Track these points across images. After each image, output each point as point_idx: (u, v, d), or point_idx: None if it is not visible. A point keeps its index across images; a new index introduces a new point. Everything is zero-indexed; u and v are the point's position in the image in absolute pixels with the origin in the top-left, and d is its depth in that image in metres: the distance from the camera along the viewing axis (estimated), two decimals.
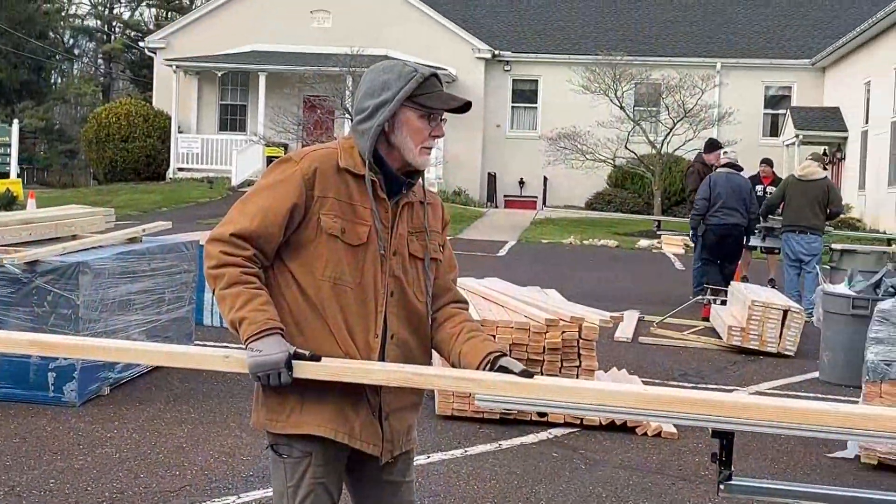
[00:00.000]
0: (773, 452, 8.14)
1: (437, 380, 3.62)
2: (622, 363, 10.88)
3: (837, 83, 37.89)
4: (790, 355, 12.29)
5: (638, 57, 38.06)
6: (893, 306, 7.90)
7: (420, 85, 3.54)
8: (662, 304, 15.61)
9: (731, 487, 3.27)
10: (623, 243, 28.70)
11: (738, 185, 15.14)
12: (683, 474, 7.33)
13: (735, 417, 3.22)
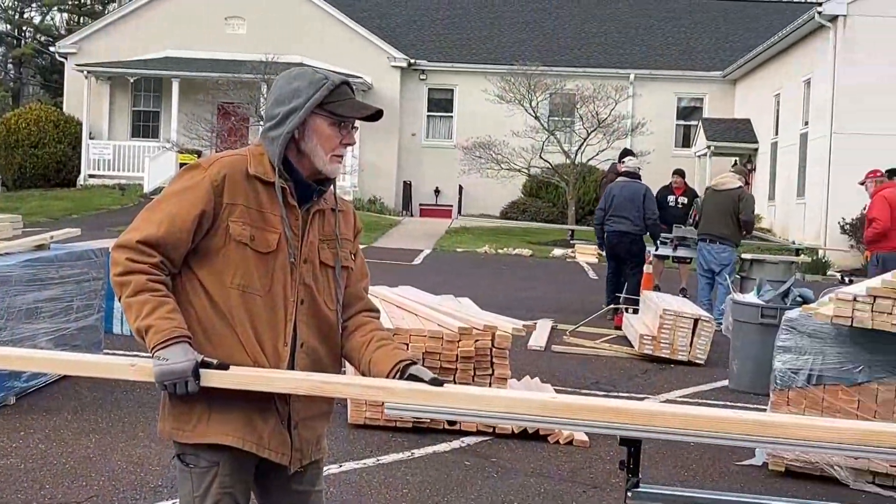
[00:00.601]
0: (682, 460, 8.22)
1: (347, 388, 3.61)
2: (535, 371, 10.92)
3: (748, 95, 38.47)
4: (700, 364, 12.43)
5: (553, 67, 38.32)
6: (800, 315, 8.02)
7: (331, 92, 3.52)
8: (576, 312, 15.71)
9: (639, 494, 3.29)
10: (537, 252, 28.84)
11: (634, 192, 15.45)
12: (594, 482, 7.38)
13: (642, 425, 3.24)
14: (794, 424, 3.45)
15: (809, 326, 7.88)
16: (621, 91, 37.14)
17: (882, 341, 7.56)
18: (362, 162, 38.49)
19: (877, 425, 4.07)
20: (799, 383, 7.89)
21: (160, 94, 40.89)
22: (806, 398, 7.88)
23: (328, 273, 3.64)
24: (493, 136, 36.36)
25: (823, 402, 7.85)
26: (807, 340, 7.89)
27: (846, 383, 7.76)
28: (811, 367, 7.84)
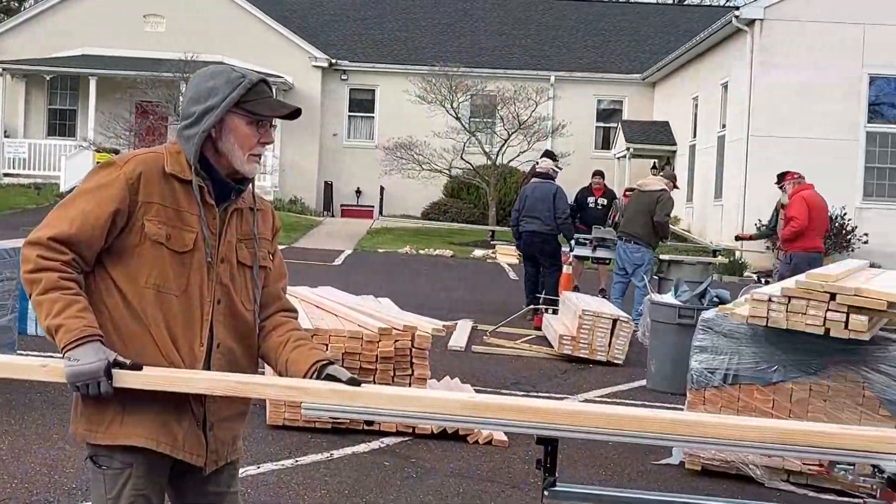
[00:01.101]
0: (601, 459, 8.27)
1: (263, 388, 3.58)
2: (455, 372, 10.93)
3: (667, 98, 38.86)
4: (619, 364, 12.52)
5: (474, 69, 38.41)
6: (717, 316, 8.11)
7: (248, 91, 3.49)
8: (496, 313, 15.75)
9: (556, 494, 3.30)
10: (458, 253, 28.88)
11: (545, 192, 15.66)
12: (513, 482, 7.40)
13: (559, 424, 3.25)
14: (709, 423, 3.49)
15: (725, 326, 7.97)
16: (542, 93, 37.34)
17: (796, 341, 7.67)
18: (283, 162, 38.29)
19: (790, 424, 4.13)
20: (715, 383, 7.98)
21: (77, 93, 40.33)
22: (722, 397, 7.97)
23: (246, 273, 3.61)
24: (414, 137, 36.37)
25: (739, 401, 7.94)
26: (723, 340, 7.98)
27: (761, 383, 7.86)
28: (727, 367, 7.92)
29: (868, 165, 28.58)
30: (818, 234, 14.72)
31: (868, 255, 24.08)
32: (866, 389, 7.68)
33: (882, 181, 28.68)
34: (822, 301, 7.39)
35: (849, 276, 8.27)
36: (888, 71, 28.43)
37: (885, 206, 28.23)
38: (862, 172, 28.50)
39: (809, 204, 14.52)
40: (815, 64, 27.91)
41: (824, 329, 7.38)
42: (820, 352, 7.72)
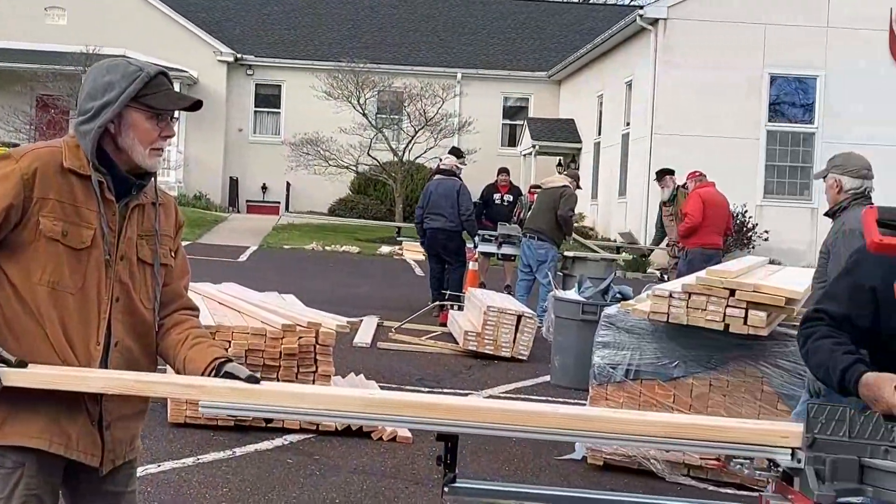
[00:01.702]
0: (505, 455, 8.31)
1: (160, 386, 3.53)
2: (361, 368, 10.90)
3: (572, 96, 39.14)
4: (523, 359, 12.58)
5: (381, 65, 38.32)
6: (619, 312, 8.18)
7: (146, 85, 3.43)
8: (402, 309, 15.73)
9: (455, 490, 3.31)
10: (365, 249, 28.84)
11: (449, 189, 15.74)
12: (417, 478, 7.40)
13: (457, 420, 3.26)
14: (610, 418, 3.52)
15: (627, 322, 8.05)
16: (448, 90, 37.38)
17: (696, 337, 7.77)
18: (188, 157, 37.88)
19: (688, 419, 4.18)
20: (617, 378, 8.06)
21: None
22: (624, 393, 8.05)
23: (146, 270, 3.55)
24: (321, 133, 36.17)
25: (641, 396, 8.03)
26: (625, 336, 8.05)
27: (662, 378, 7.95)
28: (629, 363, 8.00)
29: (769, 164, 29.07)
30: (715, 231, 14.94)
31: (768, 251, 24.51)
32: (765, 384, 7.82)
33: (782, 179, 29.18)
34: (721, 297, 7.51)
35: (748, 273, 8.42)
36: (788, 70, 28.94)
37: (784, 204, 28.72)
38: (763, 171, 28.98)
39: (705, 201, 14.76)
40: (718, 63, 28.29)
41: (724, 325, 7.50)
42: (720, 347, 7.83)
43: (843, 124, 28.21)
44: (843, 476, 3.05)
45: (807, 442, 3.09)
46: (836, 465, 3.05)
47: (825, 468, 3.04)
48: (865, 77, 28.10)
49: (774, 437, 3.21)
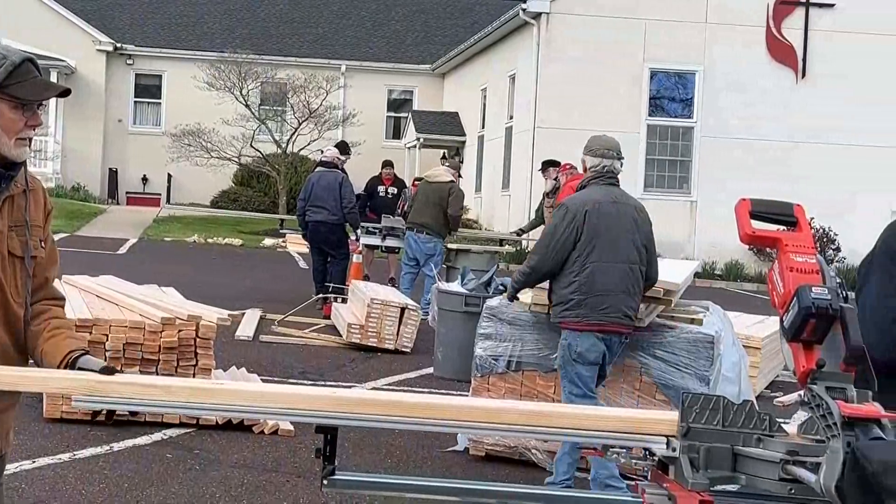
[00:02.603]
0: (389, 447, 8.31)
1: (22, 380, 3.42)
2: (243, 362, 10.81)
3: (456, 89, 39.24)
4: (407, 352, 12.60)
5: (264, 56, 37.99)
6: (501, 303, 8.22)
7: (10, 74, 3.32)
8: (286, 302, 15.61)
9: (334, 482, 3.29)
10: (248, 242, 28.60)
11: (330, 182, 15.69)
12: (298, 471, 7.36)
13: (337, 412, 3.23)
14: (491, 409, 3.52)
15: (509, 314, 8.09)
16: (333, 81, 37.21)
17: None
18: (65, 148, 37.18)
19: (567, 409, 4.20)
20: (499, 369, 8.10)
21: None
22: (506, 384, 8.10)
23: (16, 264, 3.45)
24: (202, 124, 35.71)
25: (522, 387, 8.09)
26: (507, 328, 8.09)
27: (543, 369, 8.01)
28: (510, 354, 8.05)
29: (649, 157, 29.44)
30: None
31: None
32: (644, 375, 7.91)
33: (661, 173, 29.60)
34: None
35: None
36: (667, 66, 29.34)
37: (664, 197, 29.12)
38: (643, 164, 29.36)
39: None
40: (599, 58, 28.58)
41: None
42: None
43: (721, 119, 28.74)
44: (716, 464, 3.09)
45: (681, 431, 3.12)
46: (710, 453, 3.09)
47: (699, 456, 3.08)
48: (743, 73, 28.64)
49: (650, 426, 3.25)
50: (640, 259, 7.21)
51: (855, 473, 2.72)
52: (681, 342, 7.82)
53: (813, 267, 3.13)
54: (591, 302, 7.06)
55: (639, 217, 7.29)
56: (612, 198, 7.39)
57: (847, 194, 27.58)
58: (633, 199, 7.43)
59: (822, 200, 26.20)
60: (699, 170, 29.02)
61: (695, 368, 7.76)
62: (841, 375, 3.00)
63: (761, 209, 3.31)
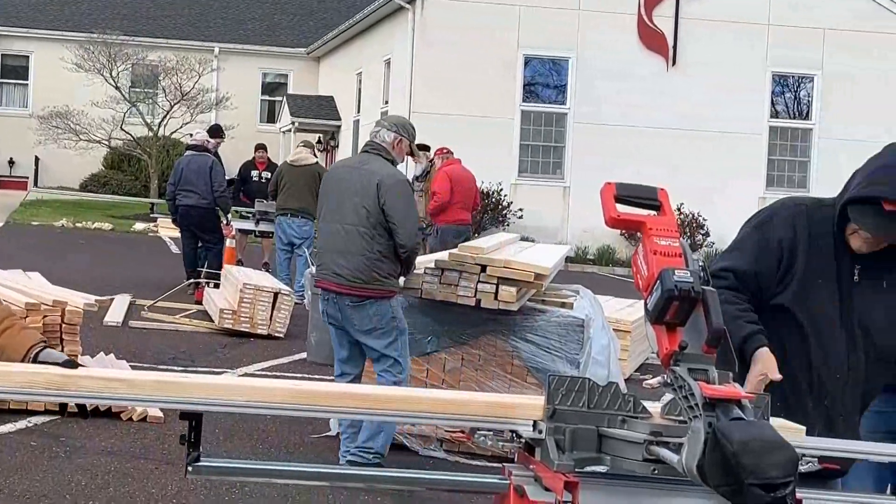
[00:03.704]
0: (260, 433, 8.25)
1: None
2: (112, 348, 10.61)
3: (332, 73, 39.04)
4: (280, 337, 12.52)
5: (135, 37, 37.32)
6: None
7: None
8: (156, 287, 15.36)
9: (199, 469, 3.23)
10: (118, 226, 28.11)
11: (199, 165, 15.49)
12: (167, 458, 7.26)
13: (207, 398, 3.18)
14: (359, 394, 3.49)
15: None
16: (205, 64, 36.75)
17: (449, 312, 7.86)
18: None
19: (433, 393, 4.20)
20: None
21: None
22: None
23: None
24: (71, 106, 34.97)
25: None
26: None
27: (416, 353, 8.01)
28: None
29: (523, 143, 29.64)
30: (463, 207, 15.22)
31: (523, 229, 25.05)
32: (515, 358, 7.97)
33: (536, 158, 29.83)
34: (473, 273, 7.62)
35: (499, 249, 8.56)
36: (541, 52, 29.54)
37: (538, 183, 29.38)
38: (517, 150, 29.54)
39: (452, 178, 15.03)
40: (475, 43, 28.64)
41: (475, 300, 7.61)
42: (471, 322, 7.95)
43: (594, 105, 29.03)
44: (582, 445, 3.11)
45: (547, 413, 3.14)
46: (576, 434, 3.11)
47: (565, 438, 3.10)
48: (616, 60, 28.96)
49: (517, 410, 3.26)
50: (364, 223, 7.25)
51: (715, 453, 2.76)
52: (551, 326, 7.90)
53: (676, 250, 3.17)
54: (318, 260, 7.60)
55: (378, 183, 7.27)
56: (354, 163, 7.81)
57: (716, 181, 28.10)
58: (384, 169, 7.40)
59: (692, 186, 26.71)
60: (573, 156, 29.28)
61: (565, 352, 7.86)
62: (703, 357, 3.04)
63: (626, 193, 3.34)
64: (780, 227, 4.00)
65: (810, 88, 30.21)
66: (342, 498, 6.87)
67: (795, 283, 3.95)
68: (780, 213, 4.06)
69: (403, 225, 7.24)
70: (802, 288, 3.94)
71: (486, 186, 25.86)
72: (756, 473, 2.70)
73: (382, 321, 7.28)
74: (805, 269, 3.95)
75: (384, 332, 7.31)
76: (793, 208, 4.06)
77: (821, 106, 29.86)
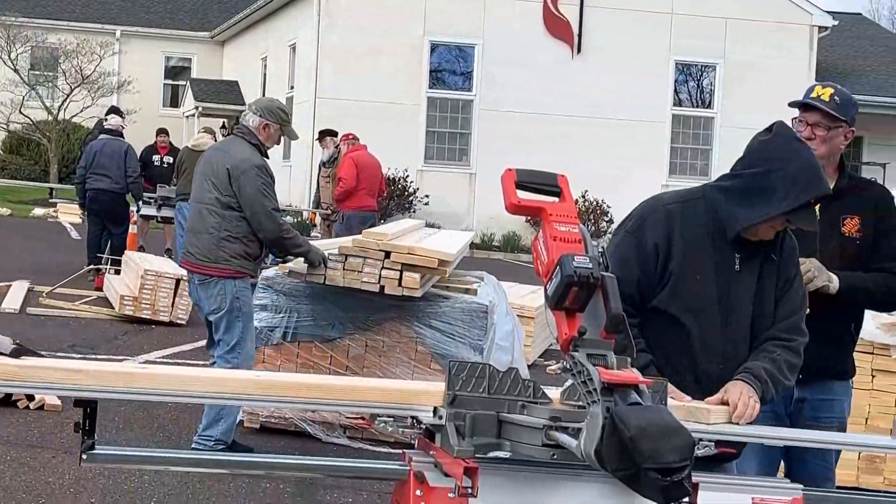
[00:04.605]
0: (161, 421, 8.17)
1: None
2: (8, 335, 10.34)
3: (236, 57, 38.66)
4: (182, 324, 12.40)
5: (34, 19, 36.63)
6: (276, 274, 8.14)
7: None
8: (56, 273, 15.09)
9: (94, 457, 3.18)
10: (17, 211, 27.60)
11: (115, 150, 15.31)
12: (65, 447, 7.14)
13: (103, 386, 3.13)
14: (259, 381, 3.46)
15: (285, 285, 8.03)
16: (107, 47, 36.15)
17: (353, 298, 7.84)
18: None
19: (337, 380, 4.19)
20: (275, 340, 8.03)
21: None
22: (282, 355, 8.04)
23: None
24: None
25: (299, 358, 8.04)
26: (283, 298, 8.03)
27: (319, 340, 7.99)
28: (286, 325, 8.00)
29: (430, 130, 29.64)
30: (369, 193, 15.18)
31: (428, 215, 25.08)
32: (419, 345, 7.98)
33: (442, 145, 29.84)
34: (377, 259, 7.60)
35: (404, 235, 8.54)
36: (448, 38, 29.52)
37: (444, 169, 29.40)
38: (423, 136, 29.53)
39: (358, 164, 14.98)
40: (380, 29, 28.55)
41: (379, 286, 7.60)
42: (375, 309, 7.94)
43: (500, 92, 29.09)
44: (481, 431, 3.12)
45: (448, 399, 3.14)
46: (476, 420, 3.12)
47: (465, 424, 3.11)
48: (521, 47, 29.04)
49: (417, 396, 3.26)
50: (214, 202, 7.32)
51: (613, 438, 2.78)
52: (455, 312, 7.92)
53: (576, 236, 3.18)
54: None
55: (229, 168, 7.34)
56: (221, 146, 8.21)
57: (620, 168, 28.33)
58: (240, 154, 7.47)
59: (597, 174, 26.93)
60: (478, 143, 29.33)
61: (469, 338, 7.88)
62: (601, 342, 3.06)
63: (526, 179, 3.35)
64: (652, 230, 4.00)
65: (713, 77, 30.60)
66: (243, 485, 6.81)
67: (673, 282, 3.97)
68: (650, 216, 4.06)
69: (250, 209, 7.27)
70: (680, 286, 3.96)
71: (392, 173, 25.84)
72: (653, 458, 2.72)
73: (225, 301, 7.26)
74: (682, 268, 3.96)
75: (227, 313, 7.28)
76: (663, 210, 4.05)
77: (723, 94, 30.26)
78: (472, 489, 2.89)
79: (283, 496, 6.82)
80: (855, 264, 4.73)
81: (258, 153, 7.55)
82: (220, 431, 7.14)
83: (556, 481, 3.19)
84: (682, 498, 2.83)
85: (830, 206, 4.65)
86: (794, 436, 4.13)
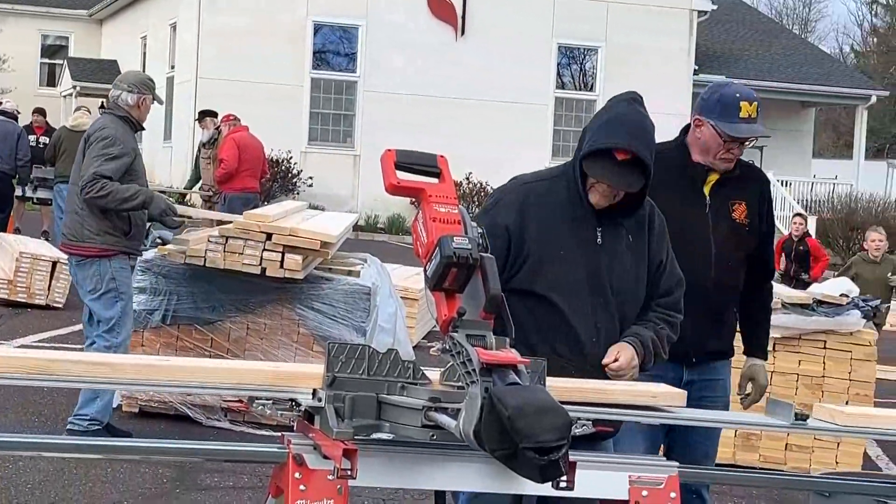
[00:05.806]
0: (36, 406, 8.05)
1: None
2: None
3: (115, 36, 37.99)
4: (59, 307, 12.20)
5: None
6: (156, 256, 8.05)
7: None
8: None
9: None
10: None
11: (8, 132, 15.23)
12: None
13: None
14: (136, 365, 3.40)
15: (164, 267, 7.95)
16: None
17: (234, 280, 7.78)
18: None
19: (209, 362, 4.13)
20: (154, 324, 7.93)
21: None
22: (160, 338, 7.95)
23: None
24: None
25: (178, 341, 7.97)
26: (162, 281, 7.94)
27: (200, 322, 7.91)
28: (166, 307, 7.91)
29: (313, 111, 29.45)
30: (251, 175, 15.03)
31: (312, 197, 24.93)
32: (301, 327, 7.95)
33: (326, 126, 29.69)
34: (258, 241, 7.55)
35: (286, 217, 8.50)
36: (331, 19, 29.35)
37: (328, 151, 29.26)
38: (307, 118, 29.35)
39: (240, 146, 14.83)
40: (263, 8, 28.28)
41: (261, 268, 7.55)
42: (257, 290, 7.90)
43: (383, 74, 29.03)
44: (361, 412, 3.11)
45: (327, 381, 3.12)
46: (355, 402, 3.11)
47: (344, 406, 3.09)
48: (406, 29, 29.01)
49: (296, 378, 3.23)
50: (76, 179, 7.28)
51: (491, 418, 2.79)
52: (338, 294, 7.91)
53: (455, 217, 3.18)
54: None
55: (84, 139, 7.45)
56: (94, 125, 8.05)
57: (504, 150, 28.41)
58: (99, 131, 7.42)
59: (481, 156, 27.03)
60: (363, 124, 29.24)
61: (351, 319, 7.88)
62: (481, 323, 3.07)
63: (406, 160, 3.33)
64: (504, 211, 4.05)
65: (595, 60, 30.91)
66: (122, 470, 6.72)
67: (532, 262, 4.01)
68: (504, 197, 4.12)
69: (86, 169, 7.12)
70: (541, 264, 4.00)
71: (276, 154, 25.62)
72: (530, 437, 2.73)
73: (101, 282, 7.16)
74: (541, 247, 4.01)
75: (102, 294, 7.18)
76: (517, 189, 4.12)
77: (604, 77, 30.55)
78: (351, 471, 2.88)
79: (162, 481, 6.74)
80: (745, 249, 4.84)
81: (124, 127, 7.37)
82: (95, 410, 7.03)
83: (435, 462, 3.19)
84: (558, 476, 2.86)
85: (720, 191, 4.76)
86: (672, 416, 4.18)
